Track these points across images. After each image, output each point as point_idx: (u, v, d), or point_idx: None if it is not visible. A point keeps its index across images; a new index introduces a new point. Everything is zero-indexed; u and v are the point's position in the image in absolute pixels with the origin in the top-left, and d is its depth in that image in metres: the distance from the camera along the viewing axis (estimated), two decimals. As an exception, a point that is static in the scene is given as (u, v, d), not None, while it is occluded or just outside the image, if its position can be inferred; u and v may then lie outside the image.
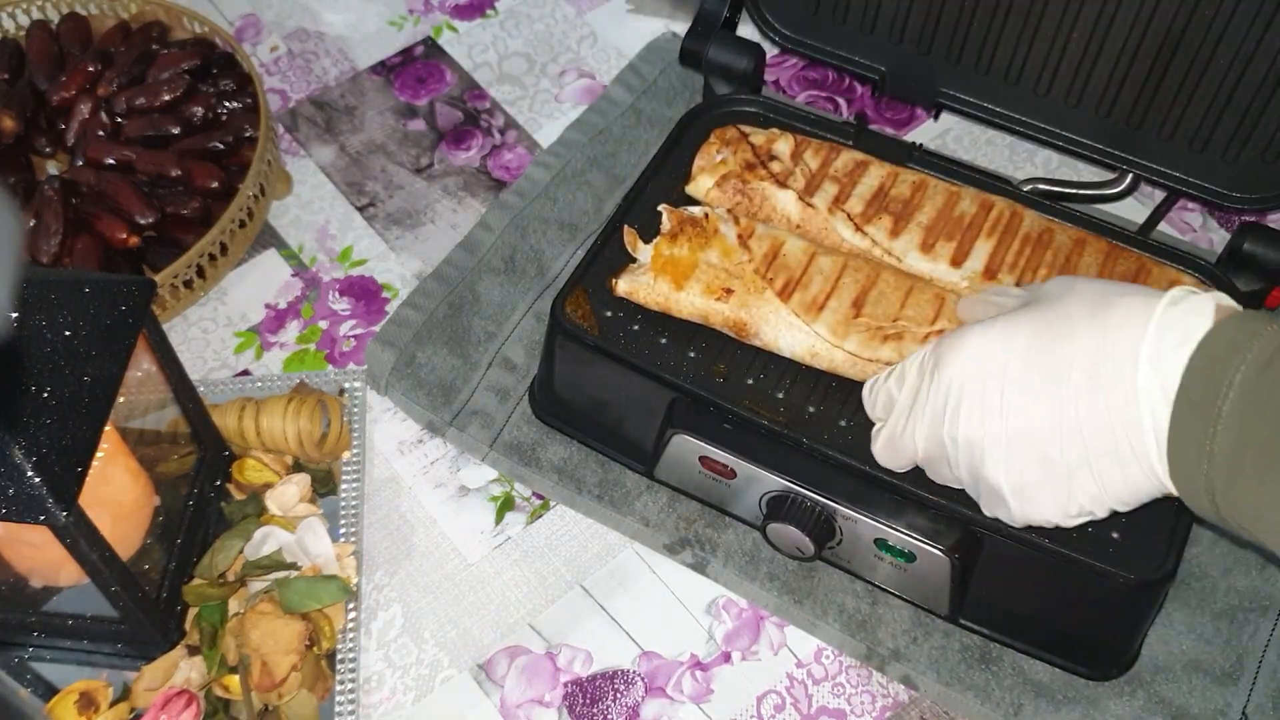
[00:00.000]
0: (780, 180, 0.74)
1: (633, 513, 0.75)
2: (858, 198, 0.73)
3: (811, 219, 0.73)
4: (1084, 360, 0.53)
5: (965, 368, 0.57)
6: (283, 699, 0.67)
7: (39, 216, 0.81)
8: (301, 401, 0.75)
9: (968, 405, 0.56)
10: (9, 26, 0.95)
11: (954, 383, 0.57)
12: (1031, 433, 0.55)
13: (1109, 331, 0.53)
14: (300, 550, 0.71)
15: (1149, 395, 0.51)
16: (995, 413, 0.56)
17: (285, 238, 0.89)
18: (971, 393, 0.56)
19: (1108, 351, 0.53)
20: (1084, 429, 0.54)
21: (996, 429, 0.56)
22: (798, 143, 0.76)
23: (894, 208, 0.73)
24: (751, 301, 0.68)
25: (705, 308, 0.68)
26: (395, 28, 1.02)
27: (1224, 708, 0.68)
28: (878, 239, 0.72)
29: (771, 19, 0.84)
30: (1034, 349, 0.55)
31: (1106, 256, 0.71)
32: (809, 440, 0.66)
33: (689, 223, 0.70)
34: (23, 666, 0.70)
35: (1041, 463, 0.56)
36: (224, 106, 0.89)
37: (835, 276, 0.69)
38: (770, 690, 0.71)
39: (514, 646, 0.72)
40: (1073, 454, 0.54)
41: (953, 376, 0.57)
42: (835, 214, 0.72)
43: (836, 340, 0.67)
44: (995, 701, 0.68)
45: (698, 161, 0.76)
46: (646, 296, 0.70)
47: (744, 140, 0.76)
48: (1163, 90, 0.74)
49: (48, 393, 0.57)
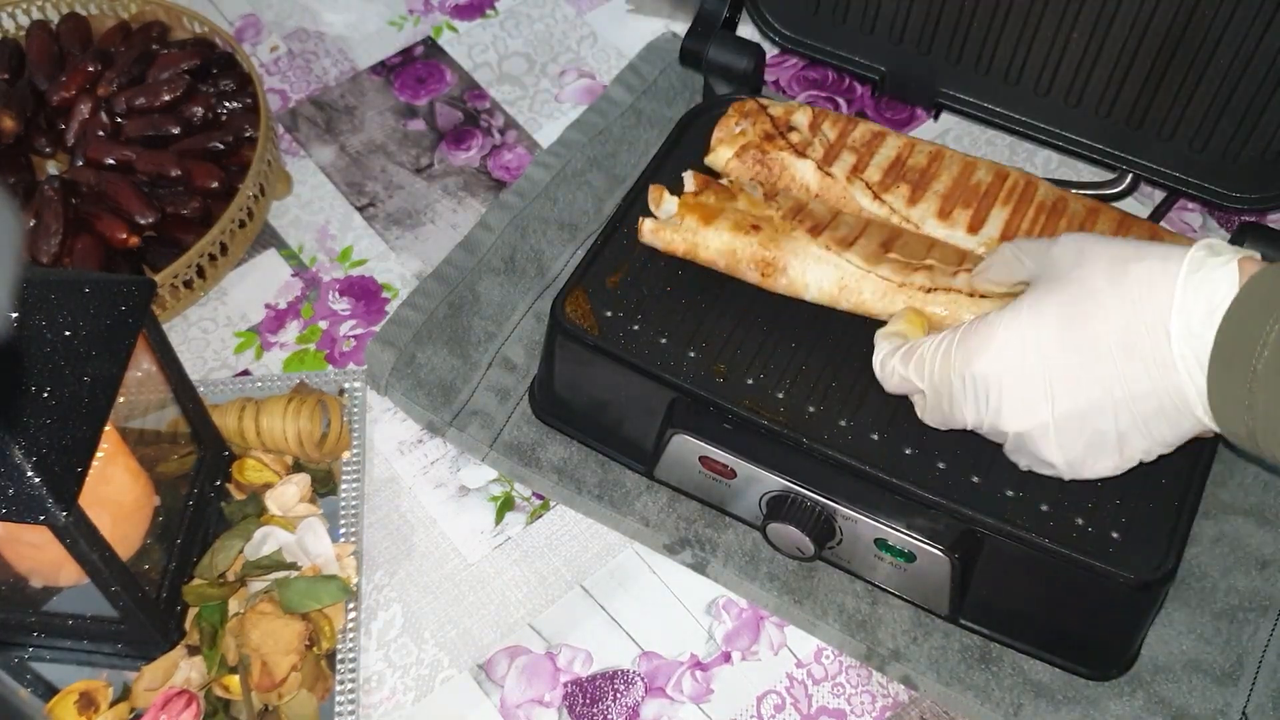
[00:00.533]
0: (799, 150, 0.74)
1: (633, 513, 0.75)
2: (875, 167, 0.73)
3: (830, 188, 0.73)
4: (1117, 335, 0.54)
5: (1001, 361, 0.57)
6: (283, 699, 0.67)
7: (39, 216, 0.81)
8: (301, 401, 0.75)
9: (1010, 399, 0.57)
10: (9, 26, 0.95)
11: (991, 378, 0.57)
12: (1082, 413, 0.56)
13: (1134, 305, 0.54)
14: (300, 550, 0.71)
15: (1185, 363, 0.53)
16: (1042, 401, 0.56)
17: (285, 238, 0.89)
18: (1012, 386, 0.57)
19: (1137, 325, 0.54)
20: (1132, 400, 0.55)
21: (1045, 417, 0.57)
22: (816, 114, 0.76)
23: (911, 176, 0.73)
24: (780, 239, 0.68)
25: (732, 244, 0.69)
26: (395, 28, 1.02)
27: (1224, 708, 0.68)
28: (896, 207, 0.72)
29: (771, 19, 0.84)
30: (1066, 331, 0.56)
31: (1119, 226, 0.71)
32: (809, 440, 0.66)
33: (713, 185, 0.71)
34: (23, 666, 0.70)
35: (1095, 436, 0.57)
36: (224, 106, 0.89)
37: (860, 228, 0.70)
38: (770, 690, 0.71)
39: (514, 646, 0.72)
40: (1125, 423, 0.56)
41: (988, 372, 0.57)
42: (854, 183, 0.73)
43: (869, 266, 0.67)
44: (995, 701, 0.68)
45: (716, 133, 0.76)
46: (671, 238, 0.70)
47: (763, 112, 0.76)
48: (1163, 90, 0.74)
49: (48, 393, 0.57)
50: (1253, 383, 0.50)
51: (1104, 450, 0.58)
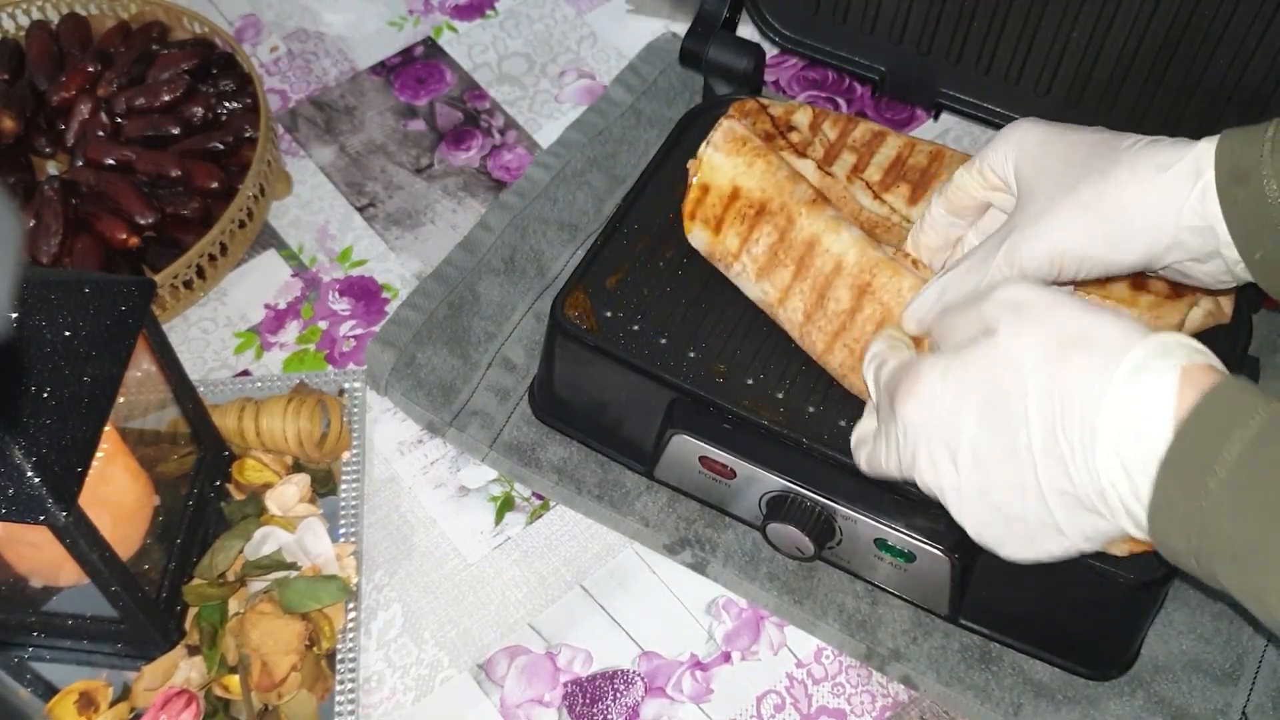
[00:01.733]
0: (799, 150, 0.74)
1: (633, 513, 0.75)
2: (875, 166, 0.73)
3: (830, 188, 0.73)
4: (1039, 424, 0.50)
5: (920, 412, 0.54)
6: (283, 699, 0.67)
7: (39, 216, 0.81)
8: (301, 402, 0.75)
9: (924, 452, 0.54)
10: (9, 26, 0.95)
11: (910, 425, 0.54)
12: (988, 489, 0.52)
13: (1063, 400, 0.49)
14: (300, 550, 0.71)
15: (1110, 470, 0.48)
16: (949, 466, 0.53)
17: (285, 238, 0.89)
18: (926, 441, 0.54)
19: (1063, 421, 0.49)
20: (1046, 492, 0.50)
21: (951, 480, 0.53)
22: (816, 114, 0.76)
23: (912, 176, 0.73)
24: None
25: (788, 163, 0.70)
26: (395, 28, 1.02)
27: (1224, 708, 0.68)
28: (896, 206, 0.72)
29: (771, 19, 0.84)
30: (987, 404, 0.51)
31: None
32: (809, 440, 0.66)
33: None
34: (23, 666, 0.70)
35: (1003, 518, 0.53)
36: (224, 106, 0.89)
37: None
38: (770, 690, 0.71)
39: (514, 646, 0.72)
40: (1036, 514, 0.52)
41: (909, 419, 0.54)
42: (854, 182, 0.72)
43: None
44: (995, 701, 0.68)
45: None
46: (719, 166, 0.69)
47: (763, 111, 0.76)
48: (1163, 90, 0.74)
49: (48, 393, 0.57)
50: (1204, 500, 0.45)
51: (1013, 536, 0.53)
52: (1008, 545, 0.54)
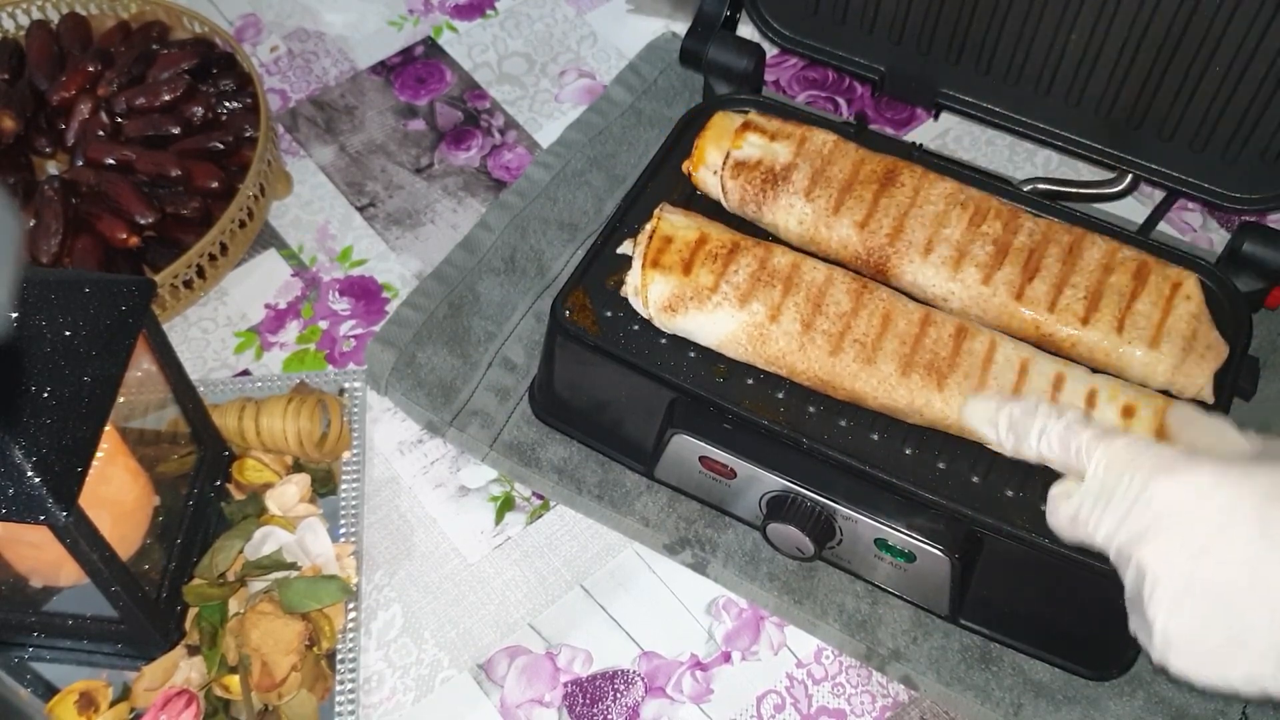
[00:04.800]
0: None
1: (633, 513, 0.75)
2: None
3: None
4: None
5: (1183, 495, 0.51)
6: (283, 699, 0.67)
7: (39, 216, 0.81)
8: (301, 401, 0.75)
9: (1166, 534, 0.51)
10: (9, 26, 0.95)
11: (1162, 504, 0.52)
12: (1222, 594, 0.50)
13: None
14: (300, 550, 0.71)
15: None
16: (1185, 559, 0.50)
17: (285, 238, 0.89)
18: (1175, 523, 0.51)
19: None
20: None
21: (1183, 572, 0.51)
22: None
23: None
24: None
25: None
26: (395, 28, 1.02)
27: (1224, 708, 0.68)
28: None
29: (771, 19, 0.84)
30: (1268, 507, 0.50)
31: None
32: (809, 440, 0.66)
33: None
34: (23, 666, 0.70)
35: (1223, 632, 0.50)
36: (224, 106, 0.89)
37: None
38: (770, 690, 0.71)
39: (514, 646, 0.72)
40: (1261, 618, 0.49)
41: (1166, 499, 0.52)
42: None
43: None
44: (995, 701, 0.68)
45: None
46: (680, 222, 0.70)
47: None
48: (1162, 90, 0.74)
49: (48, 393, 0.57)
50: None
51: (1215, 651, 0.50)
52: (1203, 659, 0.51)
